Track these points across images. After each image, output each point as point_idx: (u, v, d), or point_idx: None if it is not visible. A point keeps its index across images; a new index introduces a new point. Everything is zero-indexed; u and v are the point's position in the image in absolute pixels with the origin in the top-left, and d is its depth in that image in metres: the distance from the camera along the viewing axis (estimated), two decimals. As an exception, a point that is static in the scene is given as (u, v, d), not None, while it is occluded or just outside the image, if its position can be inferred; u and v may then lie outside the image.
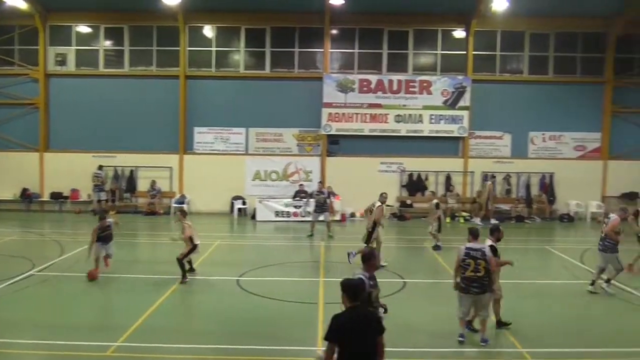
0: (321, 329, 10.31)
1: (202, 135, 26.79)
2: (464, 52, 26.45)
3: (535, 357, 9.24)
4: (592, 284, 13.25)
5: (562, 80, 26.65)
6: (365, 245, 15.48)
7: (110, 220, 14.42)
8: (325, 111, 26.18)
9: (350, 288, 6.02)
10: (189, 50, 26.52)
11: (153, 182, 25.96)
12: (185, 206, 24.78)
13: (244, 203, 25.96)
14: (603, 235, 13.15)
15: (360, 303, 5.98)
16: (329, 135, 26.49)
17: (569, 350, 9.62)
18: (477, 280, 9.57)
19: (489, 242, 10.20)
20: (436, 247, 18.02)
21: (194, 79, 26.64)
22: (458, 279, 9.80)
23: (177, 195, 26.33)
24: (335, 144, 26.63)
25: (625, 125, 26.61)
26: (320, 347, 9.47)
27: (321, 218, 20.88)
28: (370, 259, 7.58)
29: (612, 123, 26.70)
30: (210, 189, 26.17)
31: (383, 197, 16.51)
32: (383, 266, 15.20)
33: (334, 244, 19.48)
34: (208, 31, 26.89)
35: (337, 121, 26.24)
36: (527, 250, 19.73)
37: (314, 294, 12.76)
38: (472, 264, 9.57)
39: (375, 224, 15.57)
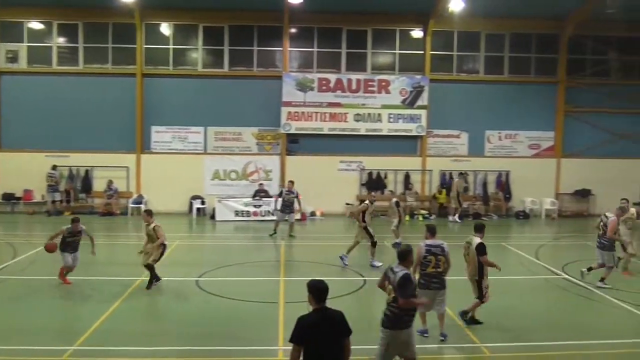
0: (282, 329, 10.30)
1: (160, 135, 26.42)
2: (422, 52, 26.74)
3: (493, 352, 9.42)
4: (589, 270, 13.79)
5: (517, 80, 27.21)
6: (372, 244, 15.62)
7: (82, 226, 13.29)
8: (284, 110, 26.12)
9: (317, 289, 5.95)
10: (146, 47, 26.12)
11: (110, 182, 25.48)
12: (142, 206, 24.48)
13: (203, 203, 25.70)
14: (601, 233, 13.68)
15: (325, 304, 5.94)
16: (289, 134, 26.44)
17: (525, 344, 9.82)
18: (437, 276, 9.76)
19: (477, 239, 10.42)
20: (395, 245, 18.15)
21: (151, 77, 26.23)
22: (417, 276, 9.88)
23: (135, 196, 25.91)
24: (295, 143, 26.60)
25: (577, 124, 27.34)
26: (282, 347, 9.47)
27: (286, 218, 20.68)
28: (408, 256, 7.56)
29: (565, 122, 27.40)
30: (169, 189, 25.81)
31: (372, 197, 16.85)
32: (346, 265, 15.43)
33: (295, 243, 19.49)
34: (165, 29, 26.52)
35: (296, 120, 26.22)
36: (484, 247, 20.02)
37: (274, 294, 12.73)
38: (433, 260, 9.71)
39: (364, 221, 15.71)
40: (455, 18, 24.94)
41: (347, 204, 26.42)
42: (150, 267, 12.99)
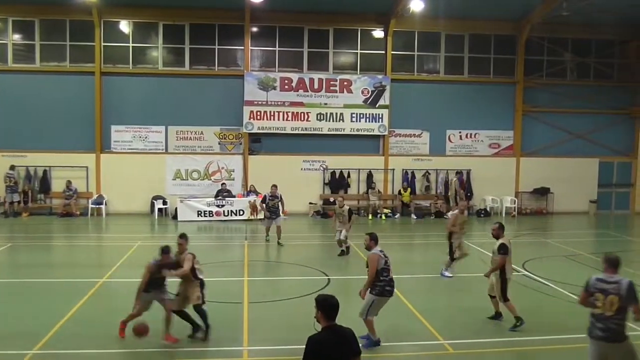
0: (246, 329, 10.27)
1: (120, 134, 26.00)
2: (383, 52, 26.93)
3: (456, 349, 9.53)
4: None
5: (476, 80, 27.63)
6: (452, 259, 14.79)
7: (173, 256, 10.41)
8: (246, 109, 26.00)
9: (327, 305, 5.52)
10: (105, 45, 25.66)
11: (69, 183, 24.97)
12: (103, 206, 24.01)
13: (164, 203, 25.38)
14: None
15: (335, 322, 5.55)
16: (251, 134, 26.33)
17: (488, 341, 9.99)
18: (394, 281, 9.84)
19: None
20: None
21: (110, 76, 25.78)
22: (381, 284, 9.63)
23: (95, 196, 25.45)
24: (257, 142, 26.51)
25: (535, 123, 27.95)
26: (247, 347, 9.43)
27: (274, 223, 19.17)
28: (618, 265, 7.32)
29: (523, 121, 27.94)
30: (129, 189, 25.42)
31: (461, 207, 15.76)
32: (449, 277, 14.59)
33: (258, 243, 19.34)
34: (124, 26, 26.09)
35: (258, 119, 26.12)
36: (446, 245, 20.28)
37: (238, 294, 12.66)
38: (390, 266, 9.83)
39: (451, 234, 14.94)
40: (416, 18, 25.25)
41: (311, 203, 26.48)
42: (197, 309, 9.99)
